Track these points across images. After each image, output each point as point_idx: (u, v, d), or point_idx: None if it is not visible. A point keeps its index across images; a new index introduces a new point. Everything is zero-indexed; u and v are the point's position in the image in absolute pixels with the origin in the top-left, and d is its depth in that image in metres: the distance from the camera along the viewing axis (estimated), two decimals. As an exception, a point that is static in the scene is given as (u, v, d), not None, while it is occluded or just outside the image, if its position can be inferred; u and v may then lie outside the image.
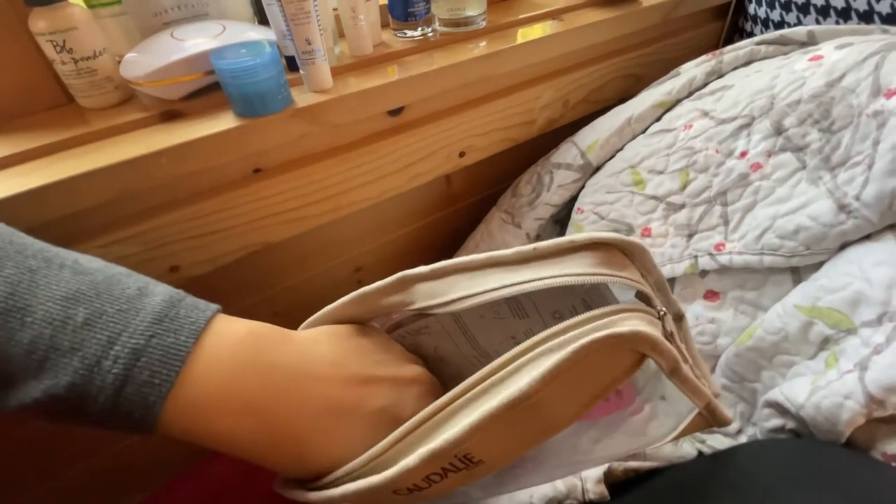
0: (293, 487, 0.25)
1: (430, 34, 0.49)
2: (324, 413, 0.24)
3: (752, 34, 0.63)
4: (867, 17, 0.50)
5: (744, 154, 0.41)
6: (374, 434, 0.24)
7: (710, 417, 0.29)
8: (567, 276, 0.24)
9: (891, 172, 0.32)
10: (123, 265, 0.25)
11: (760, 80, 0.42)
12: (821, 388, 0.32)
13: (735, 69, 0.48)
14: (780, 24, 0.59)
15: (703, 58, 0.51)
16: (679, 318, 0.29)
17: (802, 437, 0.34)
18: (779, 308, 0.37)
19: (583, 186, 0.51)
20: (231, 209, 0.41)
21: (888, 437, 0.31)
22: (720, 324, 0.41)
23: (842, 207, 0.34)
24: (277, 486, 0.26)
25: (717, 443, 0.39)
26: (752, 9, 0.63)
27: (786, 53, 0.47)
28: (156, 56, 0.37)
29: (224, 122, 0.37)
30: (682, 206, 0.44)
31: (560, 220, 0.57)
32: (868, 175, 0.33)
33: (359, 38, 0.44)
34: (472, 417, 0.21)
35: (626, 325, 0.22)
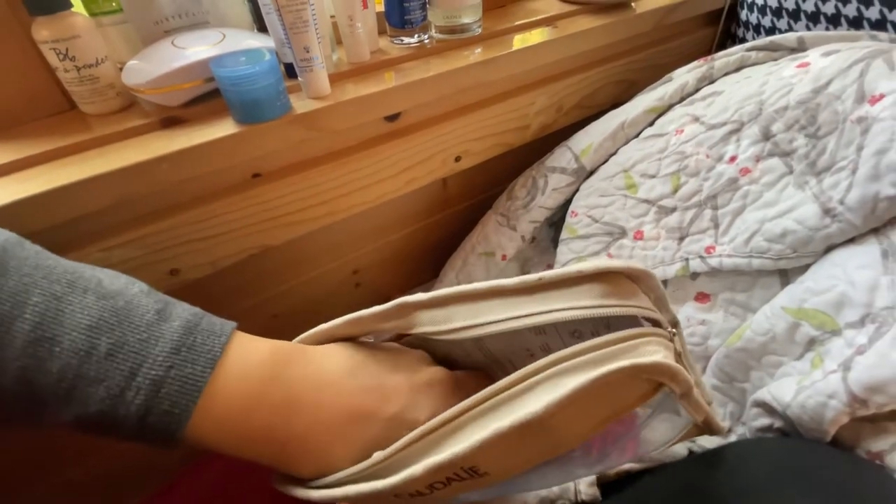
0: (294, 485, 0.26)
1: (427, 41, 0.50)
2: (343, 422, 0.26)
3: (744, 40, 0.64)
4: (856, 24, 0.51)
5: (733, 159, 0.41)
6: (390, 439, 0.25)
7: (706, 429, 0.29)
8: (575, 310, 0.23)
9: (873, 177, 0.33)
10: (124, 269, 0.25)
11: (750, 86, 0.43)
12: (806, 388, 0.32)
13: (726, 75, 0.49)
14: (772, 30, 0.60)
15: (695, 63, 0.51)
16: (675, 325, 0.29)
17: (789, 436, 0.35)
18: (767, 310, 0.37)
19: (577, 190, 0.52)
20: (231, 213, 0.42)
21: (873, 436, 0.32)
22: (711, 325, 0.42)
23: (827, 211, 0.35)
24: (276, 483, 0.27)
25: (708, 442, 0.39)
26: (744, 15, 0.64)
27: (776, 59, 0.47)
28: (157, 63, 0.38)
29: (224, 129, 0.38)
30: (674, 210, 0.45)
31: (555, 223, 0.58)
32: (852, 180, 0.34)
33: (356, 46, 0.45)
34: (483, 434, 0.21)
35: (647, 355, 0.22)
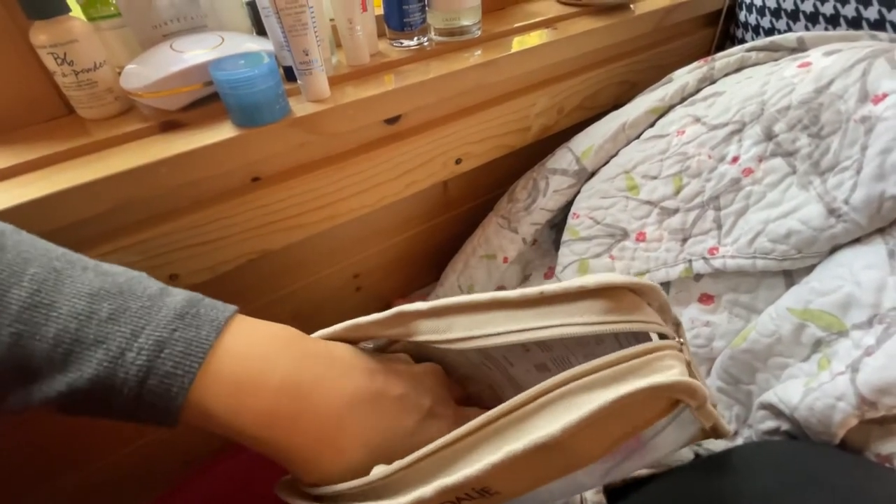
0: (299, 496, 0.25)
1: (426, 43, 0.50)
2: (354, 399, 0.25)
3: (744, 41, 0.64)
4: (855, 24, 0.51)
5: (735, 159, 0.41)
6: (400, 420, 0.25)
7: (713, 433, 0.28)
8: (576, 327, 0.23)
9: (879, 177, 0.33)
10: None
11: (751, 87, 0.42)
12: (813, 390, 0.32)
13: (726, 75, 0.49)
14: (771, 31, 0.60)
15: (696, 64, 0.51)
16: (678, 326, 0.29)
17: (797, 439, 0.34)
18: (772, 311, 0.37)
19: (578, 191, 0.52)
20: (230, 217, 0.42)
21: (882, 439, 0.31)
22: (715, 327, 0.42)
23: (831, 211, 0.35)
24: (280, 490, 0.26)
25: (714, 445, 0.39)
26: (743, 16, 0.64)
27: (776, 60, 0.47)
28: (155, 67, 0.38)
29: (223, 132, 0.38)
30: (676, 211, 0.44)
31: (556, 225, 0.58)
32: (857, 179, 0.34)
33: (355, 49, 0.45)
34: (496, 456, 0.20)
35: (664, 371, 0.22)
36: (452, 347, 0.25)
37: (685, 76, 0.50)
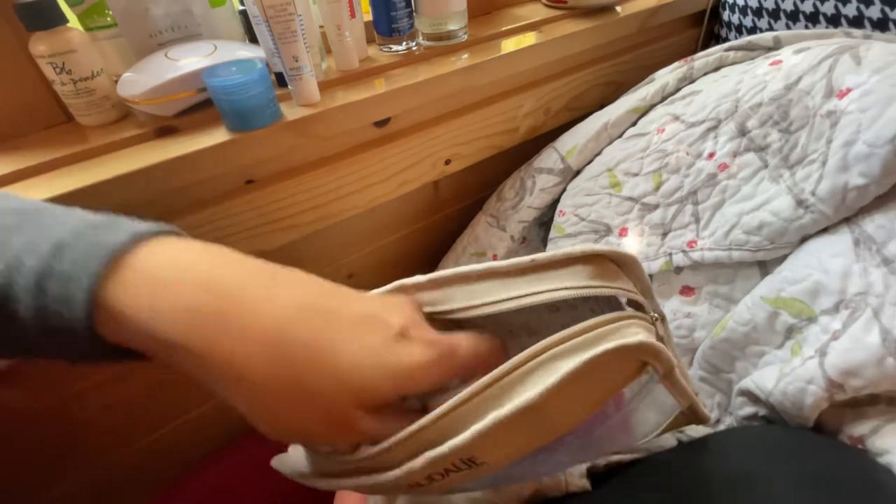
0: (297, 470, 0.26)
1: (415, 48, 0.51)
2: (299, 309, 0.22)
3: (727, 40, 0.66)
4: (834, 21, 0.52)
5: (711, 155, 0.43)
6: (362, 340, 0.22)
7: (692, 416, 0.30)
8: (564, 290, 0.25)
9: (842, 168, 0.34)
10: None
11: (726, 85, 0.44)
12: (786, 375, 0.33)
13: (705, 75, 0.51)
14: (753, 30, 0.61)
15: (676, 64, 0.53)
16: (661, 319, 0.30)
17: (774, 423, 0.36)
18: (747, 300, 0.38)
19: (564, 190, 0.53)
20: (225, 219, 0.43)
21: (854, 421, 0.33)
22: (696, 318, 0.43)
23: (800, 203, 0.36)
24: (276, 462, 0.27)
25: (696, 432, 0.40)
26: (727, 15, 0.65)
27: (752, 59, 0.49)
28: (151, 75, 0.39)
29: (217, 137, 0.39)
30: (657, 207, 0.46)
31: (545, 223, 0.59)
32: (822, 171, 0.35)
33: (345, 54, 0.47)
34: (483, 423, 0.22)
35: (632, 336, 0.23)
36: (450, 318, 0.26)
37: (666, 76, 0.52)
